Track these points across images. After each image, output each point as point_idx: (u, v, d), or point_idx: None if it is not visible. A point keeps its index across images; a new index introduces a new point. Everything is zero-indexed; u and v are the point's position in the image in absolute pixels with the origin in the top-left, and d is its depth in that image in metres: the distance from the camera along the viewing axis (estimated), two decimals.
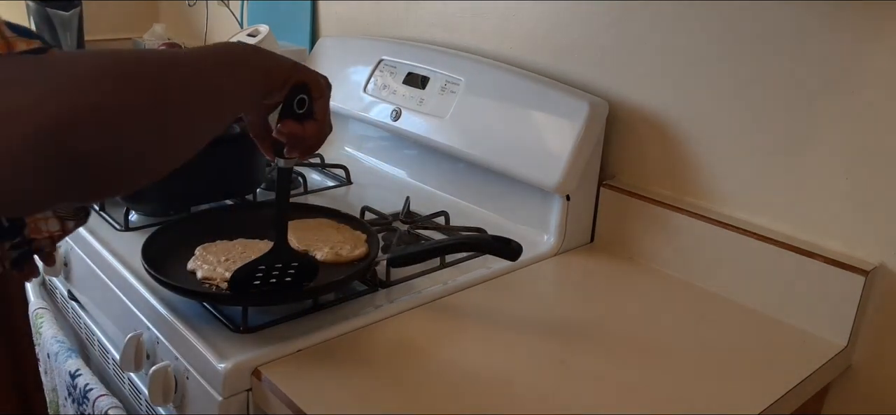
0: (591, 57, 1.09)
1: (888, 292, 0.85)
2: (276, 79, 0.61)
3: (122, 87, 0.43)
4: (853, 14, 0.82)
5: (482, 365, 0.76)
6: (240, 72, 0.56)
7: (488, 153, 1.08)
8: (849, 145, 0.85)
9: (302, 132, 0.66)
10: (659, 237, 1.01)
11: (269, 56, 0.60)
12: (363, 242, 0.91)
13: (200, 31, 1.99)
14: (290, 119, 0.65)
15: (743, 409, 0.72)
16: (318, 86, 0.65)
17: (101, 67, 0.43)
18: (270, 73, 0.60)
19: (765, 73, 0.90)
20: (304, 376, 0.72)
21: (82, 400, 0.97)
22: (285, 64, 0.62)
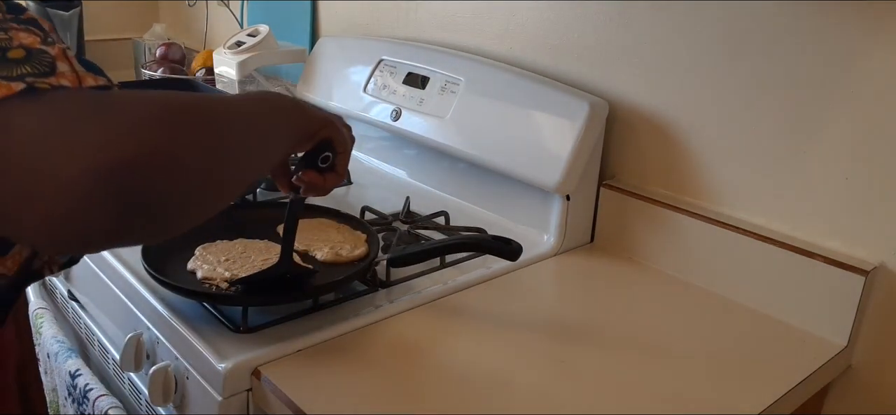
0: (591, 57, 1.09)
1: (888, 292, 0.85)
2: (309, 132, 0.65)
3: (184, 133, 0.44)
4: (853, 14, 0.82)
5: (482, 365, 0.76)
6: (282, 123, 0.59)
7: (488, 153, 1.08)
8: (849, 145, 0.85)
9: (321, 183, 0.70)
10: (659, 237, 1.01)
11: (305, 109, 0.64)
12: (363, 242, 0.91)
13: (200, 31, 1.99)
14: (312, 170, 0.69)
15: (743, 409, 0.72)
16: (344, 143, 0.69)
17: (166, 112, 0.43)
18: (305, 127, 0.64)
19: (765, 73, 0.90)
20: (304, 376, 0.72)
21: (82, 400, 0.97)
22: (318, 118, 0.65)
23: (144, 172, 0.40)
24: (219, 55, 1.50)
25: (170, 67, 1.71)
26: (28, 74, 0.38)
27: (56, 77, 0.40)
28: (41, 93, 0.39)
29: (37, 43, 0.41)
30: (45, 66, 0.40)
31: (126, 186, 0.39)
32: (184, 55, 1.81)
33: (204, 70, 1.64)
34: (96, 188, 0.38)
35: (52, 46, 0.41)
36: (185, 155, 0.44)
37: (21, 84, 0.38)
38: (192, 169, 0.44)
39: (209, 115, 0.47)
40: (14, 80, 0.38)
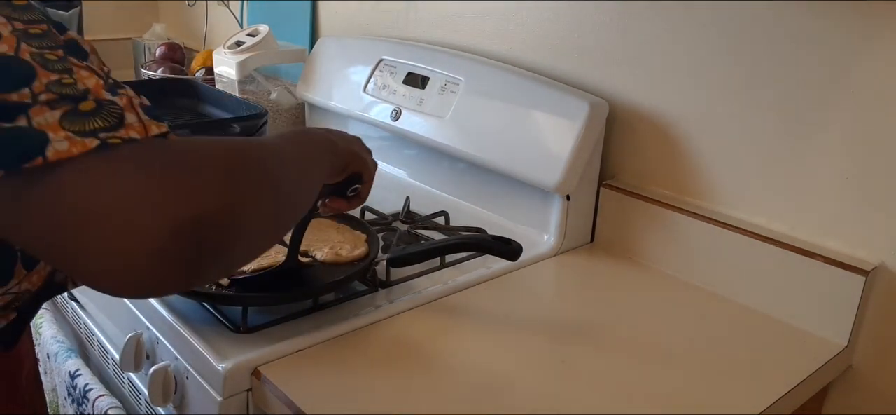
0: (591, 57, 1.09)
1: (888, 292, 0.85)
2: (341, 167, 0.69)
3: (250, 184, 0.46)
4: (853, 14, 0.82)
5: (482, 365, 0.76)
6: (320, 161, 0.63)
7: (488, 153, 1.08)
8: (849, 145, 0.85)
9: (346, 207, 0.77)
10: (659, 237, 1.01)
11: (337, 145, 0.67)
12: (363, 242, 0.91)
13: (200, 31, 1.99)
14: (341, 198, 0.75)
15: (743, 409, 0.72)
16: (369, 174, 0.75)
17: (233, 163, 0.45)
18: (339, 163, 0.68)
19: (765, 73, 0.90)
20: (304, 376, 0.72)
21: (82, 400, 0.97)
22: (349, 153, 0.69)
23: (218, 223, 0.42)
24: (219, 55, 1.50)
25: (170, 67, 1.71)
26: (100, 129, 0.39)
27: (125, 130, 0.40)
28: (114, 148, 0.39)
29: (101, 88, 0.41)
30: (115, 119, 0.40)
31: (202, 238, 0.41)
32: (184, 55, 1.81)
33: (204, 70, 1.63)
34: (174, 241, 0.39)
35: (119, 95, 0.42)
36: (252, 204, 0.45)
37: (95, 141, 0.39)
38: (257, 216, 0.46)
39: (266, 163, 0.49)
40: (87, 135, 0.39)
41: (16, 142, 0.37)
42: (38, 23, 0.42)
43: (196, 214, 0.40)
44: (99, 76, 0.42)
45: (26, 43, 0.40)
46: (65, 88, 0.39)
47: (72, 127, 0.38)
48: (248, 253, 0.48)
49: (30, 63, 0.39)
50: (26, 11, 0.42)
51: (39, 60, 0.40)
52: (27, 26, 0.41)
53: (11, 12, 0.41)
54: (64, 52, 0.41)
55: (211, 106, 1.28)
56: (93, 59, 0.43)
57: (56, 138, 0.38)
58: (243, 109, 1.16)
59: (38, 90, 0.39)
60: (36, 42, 0.40)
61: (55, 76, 0.40)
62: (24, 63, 0.39)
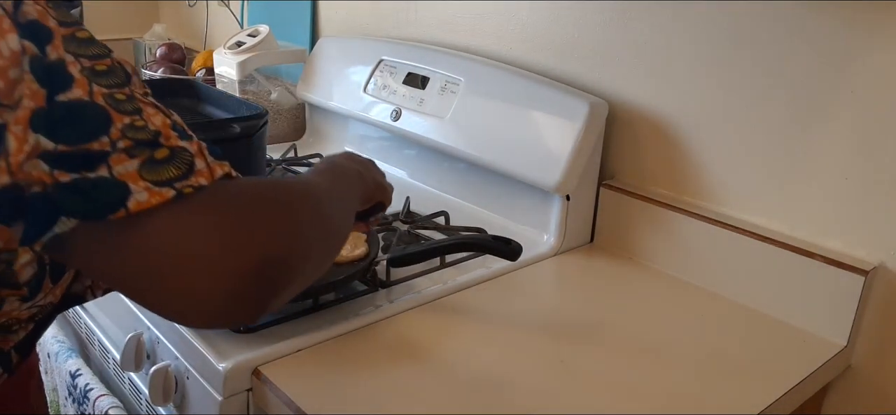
0: (591, 57, 1.09)
1: (888, 292, 0.85)
2: (368, 197, 0.72)
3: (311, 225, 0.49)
4: (853, 14, 0.82)
5: (482, 365, 0.76)
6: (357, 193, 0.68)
7: (488, 153, 1.08)
8: (848, 145, 0.85)
9: (367, 230, 0.83)
10: (659, 237, 1.01)
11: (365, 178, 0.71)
12: (363, 241, 0.91)
13: (200, 32, 1.99)
14: (362, 222, 0.78)
15: (743, 409, 0.72)
16: (390, 200, 0.78)
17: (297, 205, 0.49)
18: (367, 194, 0.71)
19: (765, 72, 0.90)
20: (304, 376, 0.72)
21: (82, 400, 0.97)
22: (375, 185, 0.73)
23: (286, 263, 0.45)
24: (219, 55, 1.50)
25: (170, 68, 1.71)
26: (174, 179, 0.41)
27: (195, 176, 0.42)
28: (188, 197, 0.41)
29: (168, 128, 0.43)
30: (186, 166, 0.42)
31: (272, 277, 0.43)
32: (184, 55, 1.81)
33: (204, 70, 1.64)
34: (247, 282, 0.42)
35: (189, 140, 0.44)
36: (314, 243, 0.49)
37: (171, 191, 0.41)
38: (318, 253, 0.50)
39: (322, 203, 0.54)
40: (164, 185, 0.41)
41: (99, 192, 0.40)
42: (103, 58, 0.43)
43: (267, 256, 0.43)
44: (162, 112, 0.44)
45: (97, 84, 0.41)
46: (138, 133, 0.41)
47: (149, 176, 0.40)
48: (306, 284, 0.51)
49: (104, 108, 0.41)
50: (90, 46, 0.43)
51: (112, 103, 0.41)
52: (93, 63, 0.42)
53: (77, 48, 0.42)
54: (130, 90, 0.43)
55: (211, 106, 1.28)
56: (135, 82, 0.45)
57: (136, 189, 0.40)
58: (243, 110, 1.16)
59: (115, 137, 0.40)
60: (104, 80, 0.42)
61: (128, 119, 0.41)
62: (100, 108, 0.41)
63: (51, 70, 0.40)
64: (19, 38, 0.39)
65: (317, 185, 0.56)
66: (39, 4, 0.41)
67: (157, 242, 0.40)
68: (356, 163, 0.71)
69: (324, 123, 1.46)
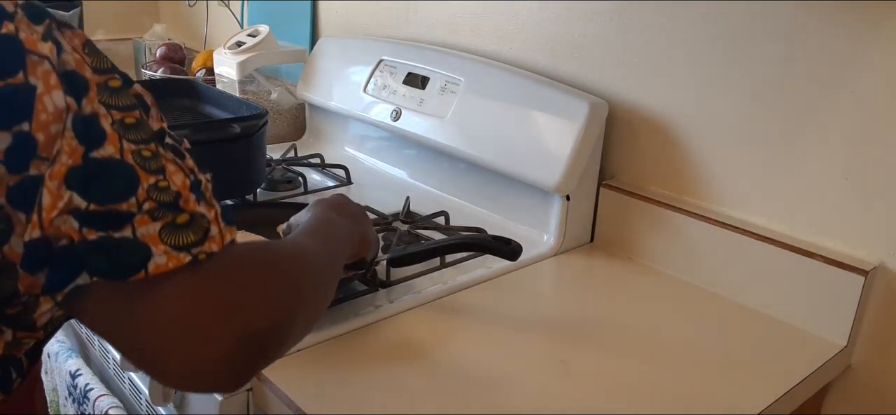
0: (591, 57, 1.09)
1: (888, 292, 0.85)
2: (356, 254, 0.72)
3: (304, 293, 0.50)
4: (853, 14, 0.82)
5: (482, 365, 0.76)
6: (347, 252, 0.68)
7: (488, 153, 1.08)
8: (848, 145, 0.85)
9: (348, 276, 0.80)
10: (659, 237, 1.01)
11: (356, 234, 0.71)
12: None
13: (200, 32, 1.99)
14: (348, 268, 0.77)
15: (743, 409, 0.72)
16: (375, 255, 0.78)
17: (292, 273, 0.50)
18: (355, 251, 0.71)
19: (765, 72, 0.90)
20: (304, 376, 0.72)
21: (82, 400, 0.97)
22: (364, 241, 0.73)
23: (276, 334, 0.46)
24: (219, 55, 1.50)
25: (170, 68, 1.71)
26: (191, 244, 0.43)
27: (209, 242, 0.44)
28: (200, 263, 0.43)
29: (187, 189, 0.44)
30: (202, 232, 0.44)
31: (261, 348, 0.45)
32: (184, 55, 1.81)
33: (204, 70, 1.64)
34: (237, 353, 0.43)
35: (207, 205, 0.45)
36: (306, 312, 0.51)
37: (187, 256, 0.42)
38: (308, 320, 0.52)
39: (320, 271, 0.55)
40: (181, 250, 0.42)
41: (123, 253, 0.41)
42: (132, 110, 0.44)
43: (258, 329, 0.44)
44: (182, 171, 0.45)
45: (126, 139, 0.42)
46: (162, 195, 0.42)
47: (169, 240, 0.42)
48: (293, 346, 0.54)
49: (133, 167, 0.42)
50: (121, 95, 0.43)
51: (139, 161, 0.42)
52: (123, 115, 0.43)
53: (109, 98, 0.43)
54: (155, 145, 0.44)
55: (211, 106, 1.28)
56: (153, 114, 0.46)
57: (157, 252, 0.41)
58: (243, 110, 1.16)
59: (141, 198, 0.42)
60: (133, 135, 0.43)
61: (153, 179, 0.42)
62: (128, 168, 0.42)
63: (87, 124, 0.41)
64: (64, 94, 0.40)
65: (311, 252, 0.57)
66: (78, 52, 0.42)
67: (164, 307, 0.42)
68: (348, 216, 0.71)
69: (324, 123, 1.46)
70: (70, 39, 0.42)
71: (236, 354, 0.43)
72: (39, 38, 0.40)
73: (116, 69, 0.45)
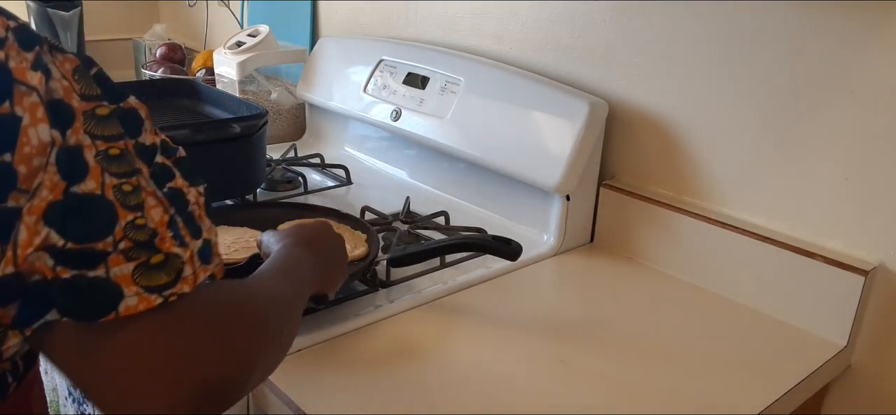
0: (591, 57, 1.09)
1: (888, 292, 0.85)
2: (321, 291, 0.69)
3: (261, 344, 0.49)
4: (853, 14, 0.82)
5: (482, 365, 0.76)
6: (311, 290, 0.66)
7: (488, 153, 1.08)
8: (848, 145, 0.85)
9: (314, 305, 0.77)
10: (659, 237, 1.01)
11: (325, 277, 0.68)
12: (363, 241, 0.91)
13: (200, 32, 1.99)
14: None
15: (743, 409, 0.72)
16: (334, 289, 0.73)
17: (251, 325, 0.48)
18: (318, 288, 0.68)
19: (765, 73, 0.90)
20: (304, 376, 0.72)
21: (82, 400, 0.97)
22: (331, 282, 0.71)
23: (234, 385, 0.46)
24: (219, 55, 1.50)
25: (170, 68, 1.71)
26: (164, 285, 0.42)
27: (181, 283, 0.43)
28: (170, 306, 0.42)
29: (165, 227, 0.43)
30: (175, 273, 0.43)
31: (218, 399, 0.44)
32: (184, 55, 1.81)
33: (204, 70, 1.64)
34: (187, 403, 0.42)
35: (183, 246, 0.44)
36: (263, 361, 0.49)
37: (158, 298, 0.42)
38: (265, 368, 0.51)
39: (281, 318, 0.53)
40: (153, 291, 0.41)
41: (95, 294, 0.40)
42: (117, 140, 0.43)
43: (210, 379, 0.43)
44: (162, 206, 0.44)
45: (108, 172, 0.41)
46: (138, 233, 0.42)
47: (142, 281, 0.41)
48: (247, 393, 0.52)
49: (112, 203, 0.41)
50: (108, 125, 0.43)
51: (119, 197, 0.41)
52: (108, 146, 0.42)
53: (95, 127, 0.42)
54: (138, 179, 0.43)
55: (211, 106, 1.28)
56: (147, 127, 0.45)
57: (128, 294, 0.41)
58: (243, 110, 1.16)
59: (118, 236, 0.41)
60: (115, 167, 0.42)
61: (131, 216, 0.42)
62: (108, 204, 0.41)
63: (71, 156, 0.40)
64: (50, 127, 0.39)
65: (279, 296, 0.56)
66: (67, 79, 0.41)
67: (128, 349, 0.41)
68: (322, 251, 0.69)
69: (324, 123, 1.46)
70: (61, 64, 0.42)
71: (189, 402, 0.43)
72: (29, 67, 0.39)
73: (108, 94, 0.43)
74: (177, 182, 0.46)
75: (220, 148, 1.02)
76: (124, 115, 0.44)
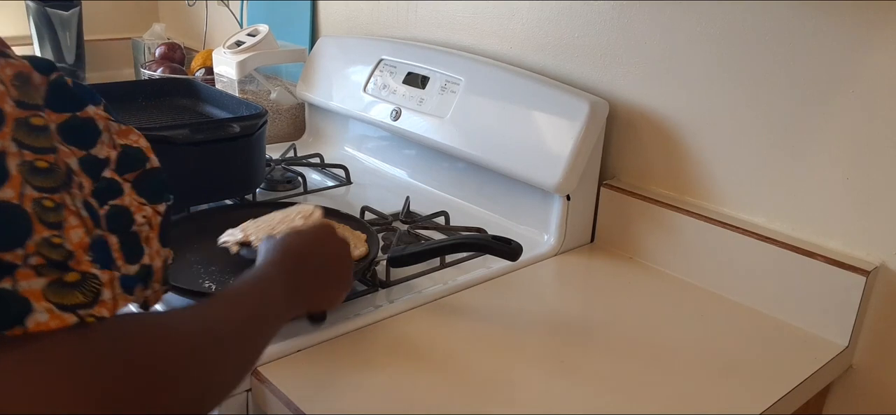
0: (591, 57, 1.09)
1: (889, 292, 0.85)
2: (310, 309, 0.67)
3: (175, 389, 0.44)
4: (853, 14, 0.82)
5: (482, 365, 0.76)
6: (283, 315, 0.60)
7: (488, 153, 1.08)
8: (849, 145, 0.85)
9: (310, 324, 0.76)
10: (659, 237, 1.01)
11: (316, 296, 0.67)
12: (363, 241, 0.91)
13: (200, 31, 1.99)
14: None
15: (743, 409, 0.72)
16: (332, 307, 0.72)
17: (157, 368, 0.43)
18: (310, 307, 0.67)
19: (765, 72, 0.90)
20: (304, 376, 0.72)
21: None
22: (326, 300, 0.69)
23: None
24: (218, 55, 1.50)
25: (169, 67, 1.71)
26: (79, 305, 0.39)
27: (99, 306, 0.40)
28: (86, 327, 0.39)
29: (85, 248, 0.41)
30: (93, 295, 0.40)
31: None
32: (183, 55, 1.81)
33: (204, 70, 1.63)
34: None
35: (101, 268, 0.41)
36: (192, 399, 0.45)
37: (73, 318, 0.39)
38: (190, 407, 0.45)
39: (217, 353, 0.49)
40: (67, 310, 0.39)
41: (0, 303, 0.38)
42: (47, 152, 0.41)
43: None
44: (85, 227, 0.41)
45: (30, 184, 0.39)
46: (53, 252, 0.39)
47: (54, 298, 0.39)
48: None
49: (29, 215, 0.39)
50: (40, 136, 0.41)
51: (37, 211, 0.39)
52: (36, 157, 0.40)
53: (25, 137, 0.40)
54: (62, 197, 0.41)
55: (211, 106, 1.28)
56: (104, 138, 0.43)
57: (38, 308, 0.38)
58: (243, 109, 1.16)
59: (30, 251, 0.39)
60: (39, 181, 0.40)
61: (47, 234, 0.39)
62: (24, 216, 0.39)
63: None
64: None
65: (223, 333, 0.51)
66: (3, 83, 0.40)
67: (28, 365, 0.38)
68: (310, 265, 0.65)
69: (324, 122, 1.46)
70: (2, 68, 0.40)
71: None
72: None
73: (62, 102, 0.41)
74: (124, 200, 0.44)
75: (219, 148, 1.02)
76: (79, 125, 0.43)
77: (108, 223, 0.43)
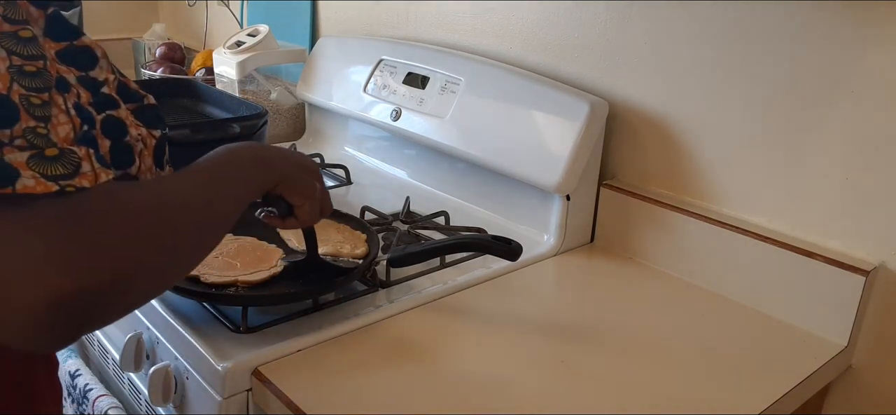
0: (591, 57, 1.09)
1: (888, 292, 0.85)
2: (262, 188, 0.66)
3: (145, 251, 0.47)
4: (853, 14, 0.82)
5: (482, 365, 0.76)
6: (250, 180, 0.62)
7: (488, 153, 1.08)
8: (849, 145, 0.85)
9: (281, 224, 0.74)
10: (659, 237, 1.01)
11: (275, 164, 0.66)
12: (363, 241, 0.91)
13: (200, 31, 1.99)
14: (275, 216, 0.72)
15: (743, 409, 0.72)
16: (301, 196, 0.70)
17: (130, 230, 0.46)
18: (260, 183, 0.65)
19: (765, 73, 0.90)
20: (304, 376, 0.72)
21: (82, 400, 0.97)
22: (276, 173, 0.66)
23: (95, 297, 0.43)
24: (218, 55, 1.50)
25: (169, 67, 1.71)
26: (60, 176, 0.42)
27: (79, 178, 0.43)
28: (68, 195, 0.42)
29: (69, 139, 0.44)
30: (73, 167, 0.43)
31: (77, 311, 0.42)
32: (183, 55, 1.81)
33: (204, 70, 1.63)
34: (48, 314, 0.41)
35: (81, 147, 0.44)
36: (144, 272, 0.47)
37: (55, 186, 0.42)
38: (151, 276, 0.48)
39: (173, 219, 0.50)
40: (50, 179, 0.42)
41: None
42: (35, 59, 0.44)
43: (74, 290, 0.41)
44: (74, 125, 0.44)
45: (18, 82, 0.43)
46: (37, 139, 0.42)
47: (37, 168, 0.42)
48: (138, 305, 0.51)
49: (16, 105, 0.42)
50: (28, 45, 0.44)
51: (25, 104, 0.42)
52: (24, 62, 0.43)
53: (14, 45, 0.43)
54: (51, 95, 0.44)
55: (211, 106, 1.28)
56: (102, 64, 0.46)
57: (25, 175, 0.41)
58: (243, 109, 1.16)
59: (16, 134, 0.42)
60: (27, 82, 0.43)
61: (33, 123, 0.42)
62: (11, 104, 0.42)
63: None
64: None
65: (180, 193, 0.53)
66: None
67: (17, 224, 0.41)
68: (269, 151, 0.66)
69: (324, 122, 1.46)
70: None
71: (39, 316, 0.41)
72: None
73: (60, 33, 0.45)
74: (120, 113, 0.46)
75: None
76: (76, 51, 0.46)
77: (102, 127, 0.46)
